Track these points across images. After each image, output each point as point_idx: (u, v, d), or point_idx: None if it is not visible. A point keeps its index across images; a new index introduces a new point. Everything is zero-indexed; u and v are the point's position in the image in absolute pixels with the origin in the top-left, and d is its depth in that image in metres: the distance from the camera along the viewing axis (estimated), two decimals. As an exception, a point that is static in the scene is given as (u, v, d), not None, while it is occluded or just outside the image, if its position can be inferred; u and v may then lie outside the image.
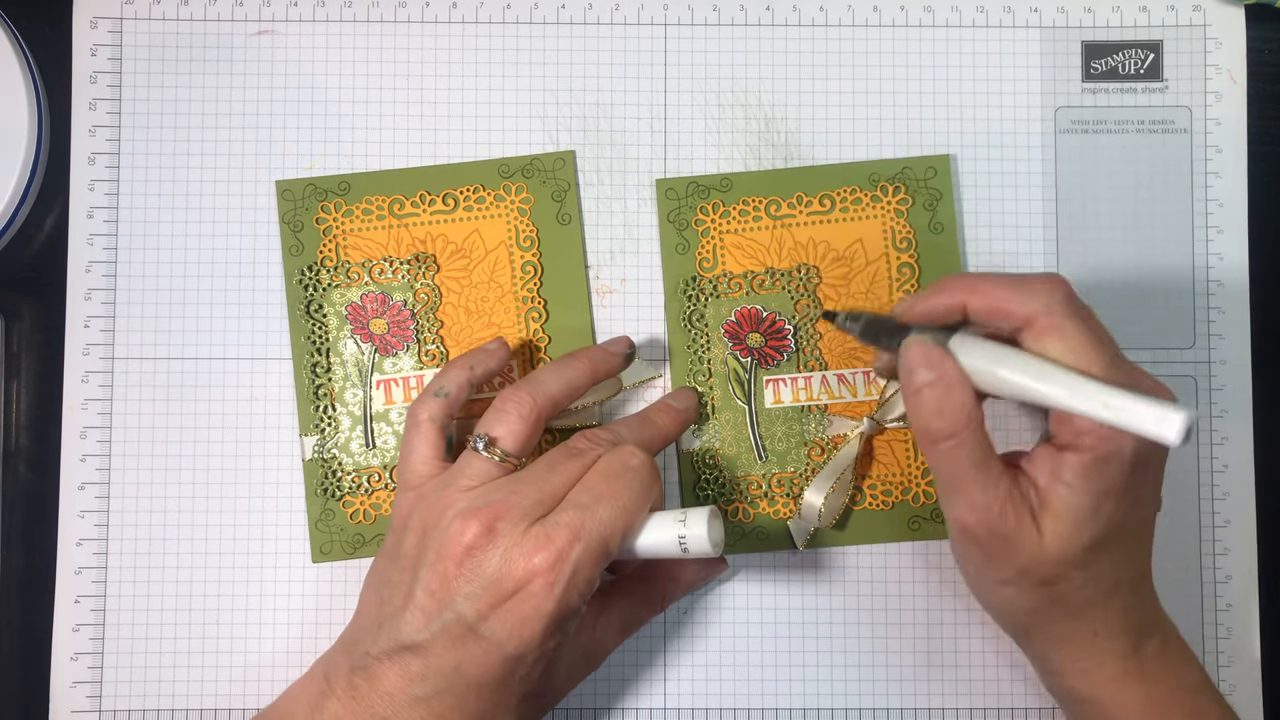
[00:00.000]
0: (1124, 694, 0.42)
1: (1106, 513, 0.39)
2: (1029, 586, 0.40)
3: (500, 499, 0.40)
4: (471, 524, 0.39)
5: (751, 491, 0.50)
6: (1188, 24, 0.52)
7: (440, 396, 0.44)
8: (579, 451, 0.42)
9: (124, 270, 0.50)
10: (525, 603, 0.38)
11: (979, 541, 0.40)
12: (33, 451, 0.50)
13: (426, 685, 0.39)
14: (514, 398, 0.43)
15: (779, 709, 0.50)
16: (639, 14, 0.52)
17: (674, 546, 0.41)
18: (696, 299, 0.50)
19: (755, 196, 0.51)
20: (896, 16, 0.52)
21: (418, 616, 0.39)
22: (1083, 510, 0.39)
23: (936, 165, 0.51)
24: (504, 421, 0.42)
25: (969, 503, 0.40)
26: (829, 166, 0.51)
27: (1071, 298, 0.39)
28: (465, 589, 0.39)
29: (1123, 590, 0.41)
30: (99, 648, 0.49)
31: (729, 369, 0.50)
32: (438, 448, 0.44)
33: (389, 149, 0.51)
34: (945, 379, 0.39)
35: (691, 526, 0.41)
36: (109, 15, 0.51)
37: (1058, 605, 0.41)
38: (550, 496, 0.40)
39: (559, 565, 0.38)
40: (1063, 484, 0.39)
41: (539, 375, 0.44)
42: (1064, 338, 0.38)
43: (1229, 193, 0.51)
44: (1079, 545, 0.39)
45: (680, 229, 0.51)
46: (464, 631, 0.39)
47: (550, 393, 0.44)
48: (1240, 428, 0.51)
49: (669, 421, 0.47)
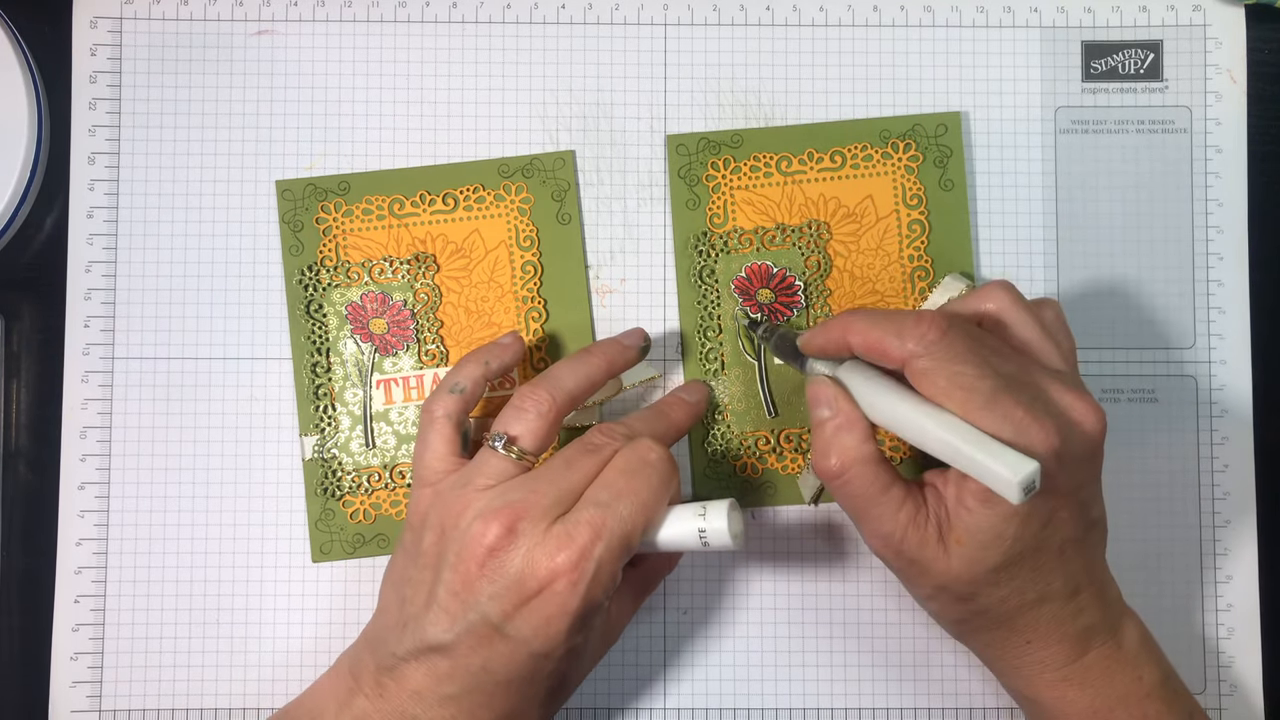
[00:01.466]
0: (1065, 699, 0.42)
1: (1012, 535, 0.39)
2: (949, 601, 0.41)
3: (520, 498, 0.40)
4: (493, 525, 0.39)
5: (760, 447, 0.50)
6: (1188, 24, 0.52)
7: (456, 392, 0.44)
8: (596, 447, 0.42)
9: (124, 270, 0.50)
10: (550, 602, 0.39)
11: (890, 563, 0.42)
12: (33, 451, 0.50)
13: (454, 684, 0.40)
14: (533, 395, 0.43)
15: (779, 709, 0.50)
16: (639, 14, 0.52)
17: (694, 540, 0.41)
18: (707, 254, 0.50)
19: (766, 152, 0.51)
20: (896, 16, 0.52)
21: (442, 618, 0.39)
22: (985, 534, 0.39)
23: (947, 122, 0.51)
24: (522, 419, 0.42)
25: (870, 530, 0.41)
26: (840, 123, 0.51)
27: (945, 338, 0.39)
28: (489, 589, 0.39)
29: (1053, 601, 0.41)
30: (99, 648, 0.49)
31: (739, 325, 0.50)
32: (453, 444, 0.43)
33: (389, 149, 0.51)
34: (838, 418, 0.41)
35: (711, 520, 0.41)
36: (109, 15, 0.51)
37: (982, 616, 0.41)
38: (569, 494, 0.40)
39: (582, 564, 0.38)
40: (965, 508, 0.39)
41: (556, 372, 0.44)
42: (932, 380, 0.39)
43: (1229, 193, 0.51)
44: (986, 567, 0.40)
45: (691, 185, 0.51)
46: (489, 631, 0.39)
47: (568, 389, 0.43)
48: (1240, 428, 0.51)
49: (681, 414, 0.47)
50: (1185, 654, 0.50)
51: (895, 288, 0.50)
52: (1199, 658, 0.50)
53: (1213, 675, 0.50)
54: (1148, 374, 0.51)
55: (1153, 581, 0.50)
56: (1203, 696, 0.50)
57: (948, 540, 0.40)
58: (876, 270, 0.50)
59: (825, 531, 0.50)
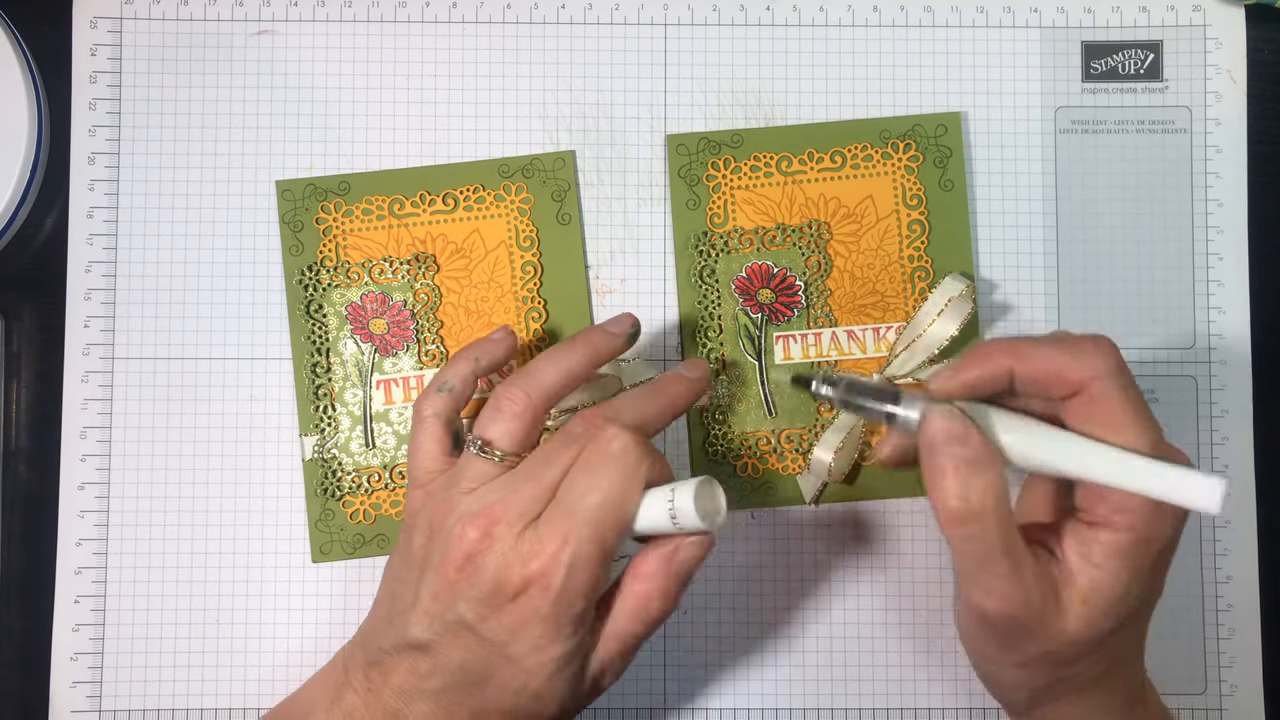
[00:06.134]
0: None
1: (1135, 595, 0.37)
2: (1045, 668, 0.38)
3: (496, 500, 0.40)
4: (469, 529, 0.39)
5: (761, 447, 0.50)
6: (1188, 24, 0.52)
7: (445, 391, 0.43)
8: (574, 437, 0.40)
9: (124, 270, 0.50)
10: (525, 606, 0.38)
11: (996, 627, 0.38)
12: (33, 451, 0.50)
13: (435, 681, 0.40)
14: (507, 395, 0.41)
15: (779, 709, 0.50)
16: (639, 14, 0.52)
17: (667, 523, 0.39)
18: (707, 254, 0.51)
19: (766, 152, 0.51)
20: (896, 16, 0.52)
21: (423, 618, 0.40)
22: (1114, 594, 0.37)
23: (947, 123, 0.51)
24: (498, 421, 0.41)
25: (991, 590, 0.37)
26: (840, 123, 0.51)
27: (1123, 363, 0.37)
28: (467, 593, 0.39)
29: (1129, 662, 0.40)
30: (99, 648, 0.49)
31: (739, 325, 0.50)
32: (443, 444, 0.43)
33: (389, 149, 0.51)
34: (973, 456, 0.36)
35: (680, 500, 0.39)
36: (109, 15, 0.51)
37: (1069, 683, 0.39)
38: (547, 490, 0.40)
39: (552, 570, 0.38)
40: (1094, 566, 0.36)
41: (535, 366, 0.42)
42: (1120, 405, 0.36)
43: (1229, 193, 0.51)
44: (1104, 630, 0.37)
45: (691, 185, 0.51)
46: (466, 632, 0.39)
47: (546, 385, 0.42)
48: (1240, 428, 0.51)
49: (681, 389, 0.44)
50: (1185, 654, 0.50)
51: (895, 288, 0.50)
52: (1199, 658, 0.50)
53: (1213, 675, 0.50)
54: (1148, 374, 0.51)
55: (1153, 581, 0.50)
56: (1203, 697, 0.50)
57: (1067, 601, 0.37)
58: (877, 270, 0.50)
59: (825, 532, 0.50)
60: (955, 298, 0.48)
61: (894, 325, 0.50)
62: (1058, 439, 0.37)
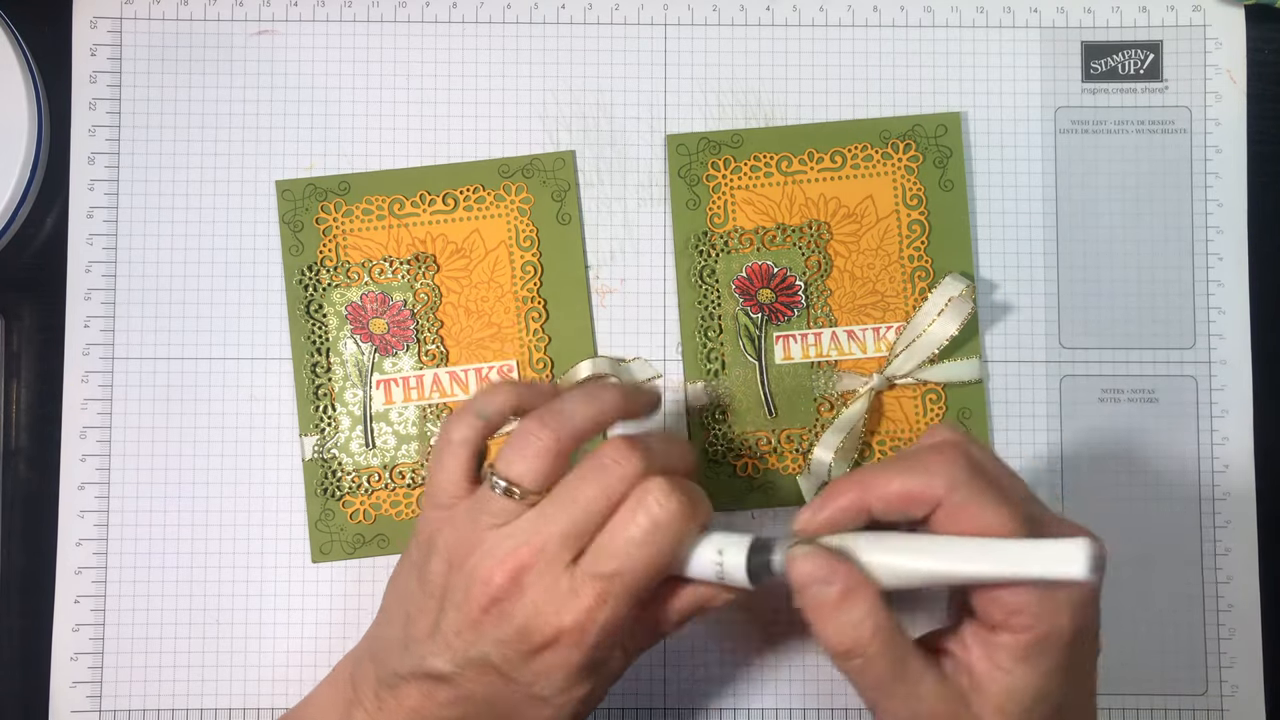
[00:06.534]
0: None
1: (1055, 692, 0.36)
2: None
3: (524, 543, 0.38)
4: (497, 572, 0.38)
5: (761, 447, 0.50)
6: (1188, 24, 0.52)
7: (480, 418, 0.41)
8: (603, 469, 0.38)
9: (124, 270, 0.50)
10: (554, 655, 0.38)
11: None
12: (33, 451, 0.50)
13: (453, 710, 0.39)
14: (535, 433, 0.39)
15: (779, 709, 0.50)
16: (639, 14, 0.52)
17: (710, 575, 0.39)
18: (707, 254, 0.50)
19: (766, 152, 0.51)
20: (896, 16, 0.52)
21: (445, 652, 0.39)
22: (1028, 697, 0.36)
23: (947, 123, 0.51)
24: (522, 458, 0.39)
25: (894, 712, 0.36)
26: (840, 123, 0.51)
27: (972, 461, 0.36)
28: (493, 634, 0.38)
29: None
30: (99, 648, 0.49)
31: (739, 325, 0.50)
32: (468, 469, 0.41)
33: (389, 149, 0.51)
34: (841, 591, 0.35)
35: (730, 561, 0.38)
36: (109, 15, 0.51)
37: None
38: (579, 528, 0.38)
39: (588, 626, 0.37)
40: (1003, 671, 0.35)
41: (566, 406, 0.40)
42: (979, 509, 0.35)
43: (1229, 193, 0.51)
44: None
45: (691, 185, 0.51)
46: (490, 670, 0.38)
47: (576, 426, 0.39)
48: (1240, 428, 0.51)
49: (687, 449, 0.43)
50: (1185, 654, 0.50)
51: (895, 288, 0.50)
52: (1200, 658, 0.50)
53: (1214, 676, 0.50)
54: (1148, 374, 0.51)
55: (1152, 581, 0.50)
56: (1204, 697, 0.50)
57: (980, 709, 0.36)
58: (876, 270, 0.50)
59: (825, 531, 0.50)
60: (955, 298, 0.48)
61: (894, 325, 0.50)
62: (923, 547, 0.36)
